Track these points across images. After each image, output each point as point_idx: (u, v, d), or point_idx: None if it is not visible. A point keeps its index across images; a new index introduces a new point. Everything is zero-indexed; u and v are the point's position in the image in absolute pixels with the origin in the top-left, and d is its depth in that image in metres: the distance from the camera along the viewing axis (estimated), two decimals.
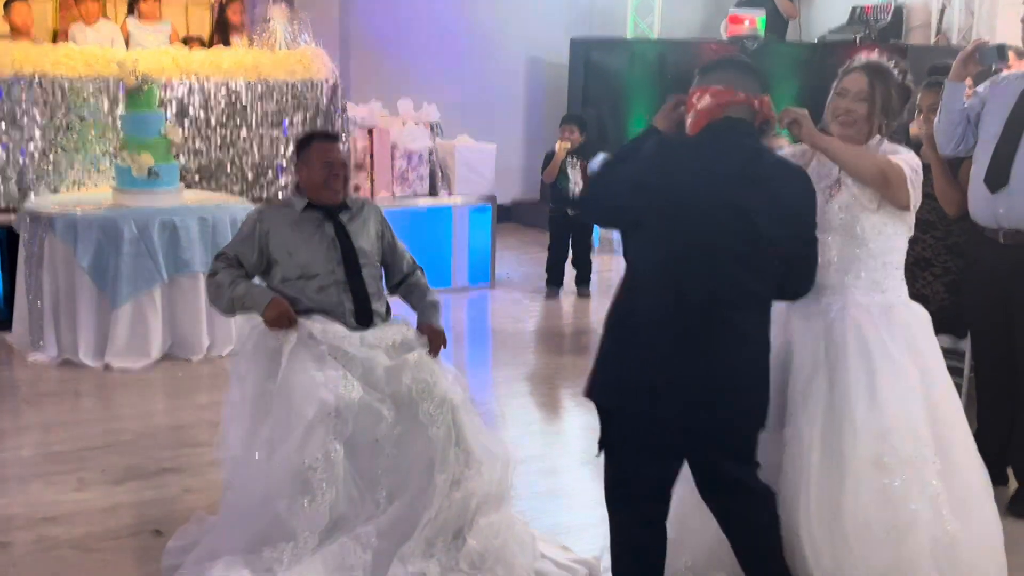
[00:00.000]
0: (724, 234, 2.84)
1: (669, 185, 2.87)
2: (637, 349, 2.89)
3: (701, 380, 2.86)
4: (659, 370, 2.86)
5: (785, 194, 2.94)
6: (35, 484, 4.35)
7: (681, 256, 2.85)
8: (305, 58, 7.71)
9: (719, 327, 2.85)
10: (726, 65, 3.05)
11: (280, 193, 7.64)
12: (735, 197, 2.84)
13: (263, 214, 3.82)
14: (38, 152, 6.81)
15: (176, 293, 6.16)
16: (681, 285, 2.85)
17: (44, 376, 5.83)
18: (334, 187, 3.77)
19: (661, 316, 2.86)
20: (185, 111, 7.24)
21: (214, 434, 4.85)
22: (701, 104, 2.97)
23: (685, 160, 2.93)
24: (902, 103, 3.30)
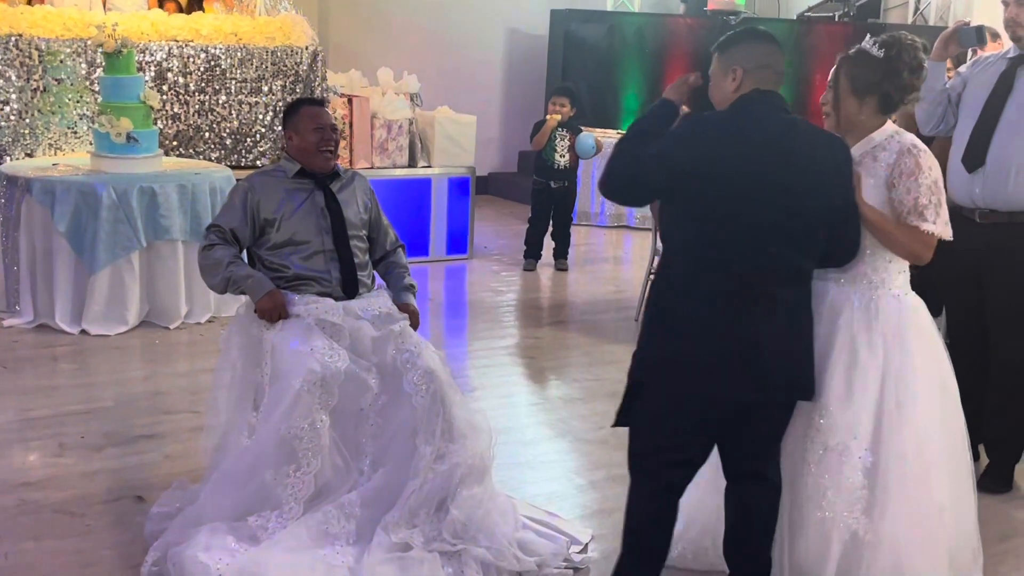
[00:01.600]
0: (765, 209, 2.80)
1: (705, 161, 2.80)
2: (679, 325, 2.87)
3: (745, 355, 2.83)
4: (702, 345, 2.83)
5: (822, 164, 2.90)
6: (14, 449, 4.34)
7: (722, 232, 2.81)
8: (285, 25, 7.66)
9: (762, 301, 2.82)
10: (754, 36, 2.97)
11: (259, 161, 7.61)
12: (773, 171, 2.80)
13: (253, 183, 3.79)
14: (14, 115, 6.74)
15: (154, 260, 6.13)
16: (723, 260, 2.82)
17: (20, 340, 5.80)
18: (325, 152, 3.76)
19: (703, 291, 2.83)
20: (163, 76, 7.18)
21: (192, 401, 4.92)
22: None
23: (721, 136, 2.84)
24: (884, 73, 3.15)
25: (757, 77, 2.90)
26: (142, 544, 3.50)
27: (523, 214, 9.66)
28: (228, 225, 3.74)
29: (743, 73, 2.91)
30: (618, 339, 6.33)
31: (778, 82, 2.94)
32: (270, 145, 7.64)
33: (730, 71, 2.93)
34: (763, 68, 2.91)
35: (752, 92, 2.90)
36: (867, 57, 3.17)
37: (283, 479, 3.35)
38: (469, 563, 3.39)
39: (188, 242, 6.17)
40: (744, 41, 2.95)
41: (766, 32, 2.99)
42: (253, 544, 3.29)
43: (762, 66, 2.91)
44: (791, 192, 2.81)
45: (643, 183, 2.92)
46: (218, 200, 6.30)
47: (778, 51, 2.95)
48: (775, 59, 2.93)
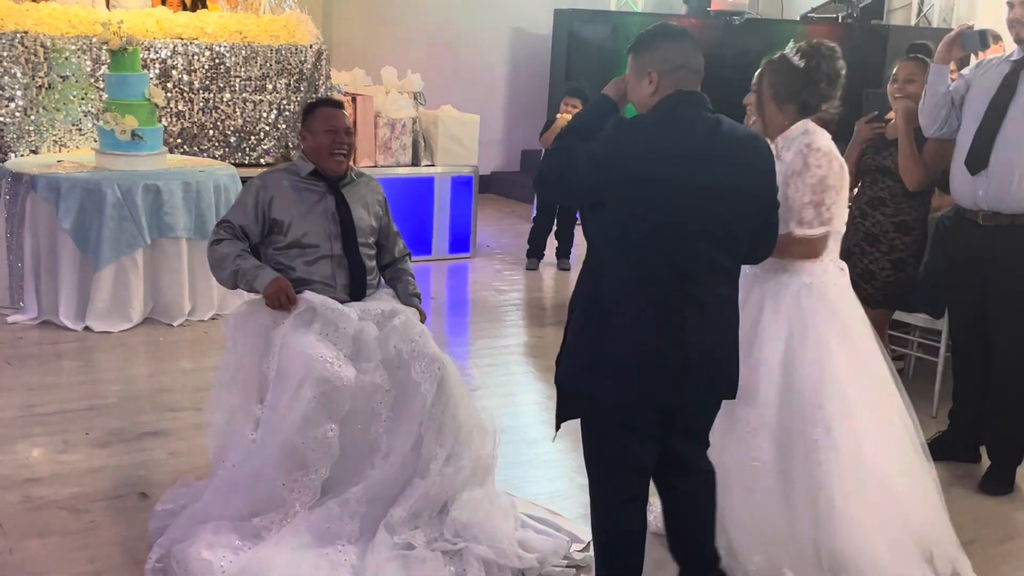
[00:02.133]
0: (694, 212, 2.75)
1: (632, 165, 2.73)
2: (607, 331, 2.83)
3: (673, 359, 2.81)
4: (630, 352, 2.81)
5: (749, 166, 2.86)
6: (19, 445, 4.36)
7: (648, 236, 2.76)
8: (290, 23, 7.68)
9: (691, 305, 2.79)
10: (668, 36, 2.89)
11: (262, 159, 7.62)
12: (702, 174, 2.75)
13: (266, 181, 3.79)
14: (19, 111, 6.76)
15: (158, 257, 6.15)
16: (648, 265, 2.77)
17: (24, 337, 5.81)
18: (338, 155, 3.76)
19: (629, 297, 2.80)
20: (168, 74, 7.20)
21: (196, 399, 4.93)
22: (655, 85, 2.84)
23: (645, 139, 2.76)
24: (803, 83, 3.34)
25: (674, 78, 2.82)
26: (146, 540, 3.52)
27: (526, 213, 9.68)
28: (238, 221, 3.74)
29: (659, 76, 2.82)
30: None
31: (697, 81, 2.85)
32: (274, 143, 7.65)
33: (645, 74, 2.84)
34: (679, 68, 2.83)
35: (676, 93, 2.82)
36: (788, 66, 3.36)
37: (291, 484, 3.38)
38: (471, 561, 3.40)
39: (192, 239, 6.19)
40: (658, 42, 2.86)
41: (680, 30, 2.92)
42: (257, 542, 3.31)
43: (678, 67, 2.82)
44: (719, 195, 2.77)
45: (575, 183, 2.84)
46: (222, 198, 6.32)
47: (693, 49, 2.87)
48: (691, 58, 2.85)
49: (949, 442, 4.65)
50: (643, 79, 2.85)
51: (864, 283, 4.72)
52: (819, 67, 3.32)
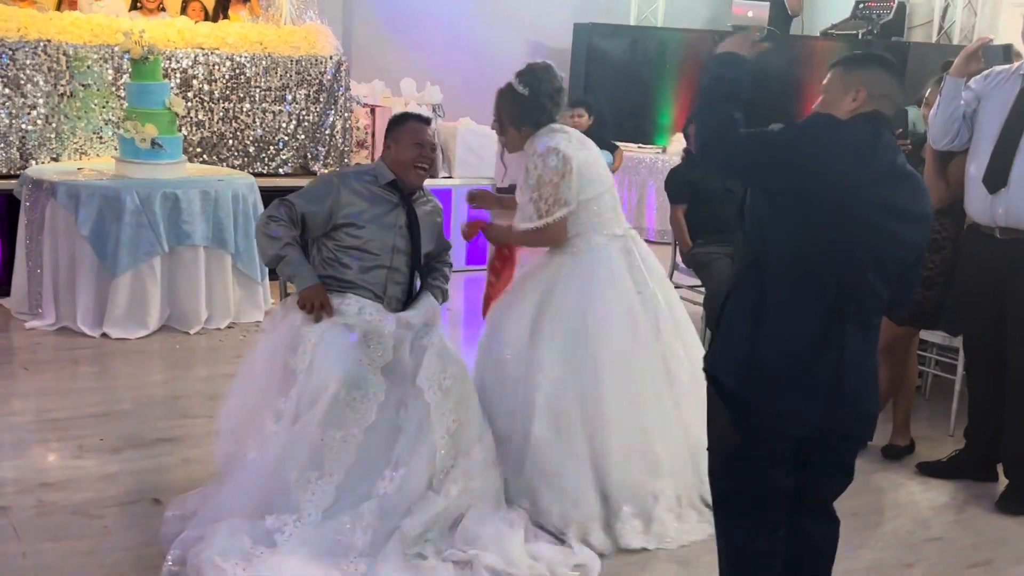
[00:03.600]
0: (869, 237, 2.70)
1: (830, 174, 2.66)
2: (765, 334, 2.74)
3: (824, 376, 2.73)
4: (785, 358, 2.72)
5: (922, 197, 2.82)
6: (34, 450, 4.38)
7: (824, 249, 2.69)
8: (310, 34, 7.72)
9: (848, 326, 2.73)
10: (884, 64, 2.86)
11: (281, 169, 7.66)
12: (886, 199, 2.71)
13: (345, 179, 3.77)
14: (41, 119, 6.81)
15: (176, 265, 6.17)
16: (817, 278, 2.70)
17: (42, 343, 5.85)
18: (419, 169, 3.77)
19: (793, 303, 2.72)
20: (189, 83, 7.24)
21: (211, 406, 4.92)
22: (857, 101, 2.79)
23: (850, 152, 2.70)
24: (530, 106, 3.86)
25: (878, 103, 2.79)
26: (159, 546, 3.52)
27: None
28: (302, 208, 3.70)
29: (867, 96, 2.78)
30: None
31: (894, 113, 2.85)
32: (293, 153, 7.68)
33: (853, 90, 2.79)
34: (885, 97, 2.81)
35: (876, 113, 2.78)
36: (515, 94, 3.87)
37: (304, 484, 3.38)
38: (481, 571, 3.40)
39: (210, 248, 6.22)
40: (873, 65, 2.84)
41: (892, 62, 2.90)
42: (269, 547, 3.31)
43: (885, 95, 2.81)
44: (897, 223, 2.73)
45: (749, 161, 2.75)
46: (240, 207, 6.34)
47: (900, 84, 2.87)
48: (896, 91, 2.84)
49: (965, 461, 4.61)
50: (848, 94, 2.80)
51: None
52: (539, 89, 3.84)
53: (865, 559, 3.90)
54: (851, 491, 4.42)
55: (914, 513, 4.33)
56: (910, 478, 4.65)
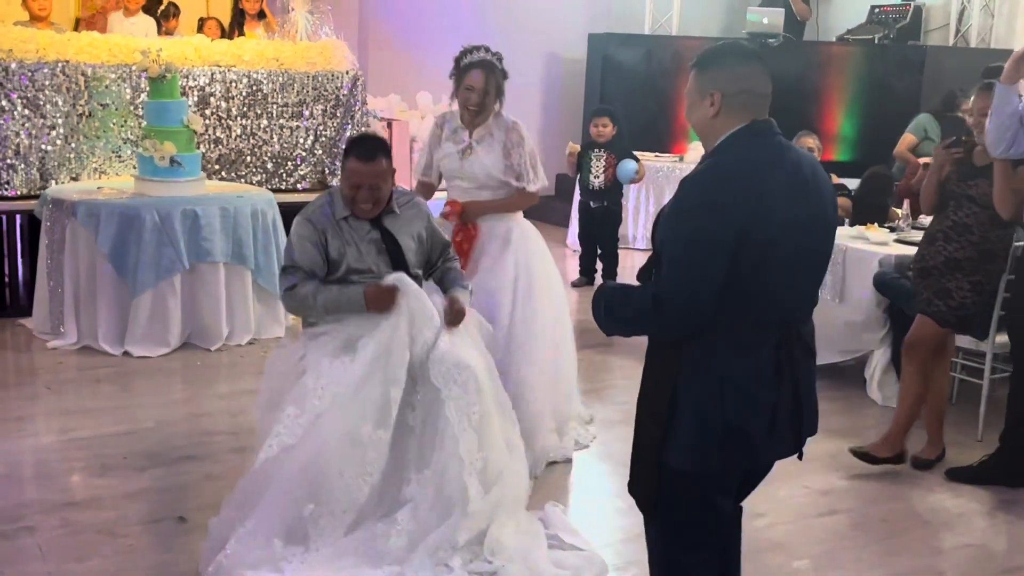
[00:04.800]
0: (792, 250, 2.54)
1: (730, 223, 2.46)
2: (729, 399, 2.56)
3: (788, 409, 2.63)
4: (757, 413, 2.59)
5: (822, 190, 2.66)
6: (58, 469, 4.38)
7: (759, 284, 2.52)
8: (326, 50, 7.74)
9: (796, 345, 2.64)
10: (734, 56, 2.65)
11: (299, 184, 7.67)
12: (793, 209, 2.54)
13: (315, 218, 3.76)
14: (60, 139, 6.84)
15: (196, 282, 6.18)
16: (761, 315, 2.55)
17: (64, 362, 5.86)
18: (361, 208, 3.72)
19: (746, 355, 2.57)
20: (206, 101, 7.26)
21: (233, 423, 4.95)
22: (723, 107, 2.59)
23: (733, 190, 2.49)
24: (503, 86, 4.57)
25: (739, 101, 2.58)
26: (184, 564, 3.52)
27: (561, 237, 9.67)
28: (306, 264, 3.72)
29: (722, 98, 2.58)
30: None
31: (763, 106, 2.62)
32: (310, 169, 7.70)
33: (708, 95, 2.60)
34: (743, 93, 2.59)
35: (746, 128, 2.58)
36: (502, 71, 4.58)
37: (336, 480, 3.40)
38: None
39: (230, 264, 6.23)
40: (721, 62, 2.63)
41: (749, 50, 2.69)
42: (301, 547, 3.32)
43: (743, 91, 2.59)
44: (810, 226, 2.59)
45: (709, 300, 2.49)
46: (259, 223, 6.35)
47: (761, 71, 2.63)
48: (757, 81, 2.61)
49: (995, 466, 4.56)
50: (704, 100, 2.61)
51: (939, 300, 4.64)
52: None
53: (896, 566, 3.86)
54: (880, 498, 4.40)
55: (944, 519, 4.28)
56: (939, 484, 4.60)
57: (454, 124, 4.67)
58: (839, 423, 5.33)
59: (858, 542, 4.03)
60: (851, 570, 3.82)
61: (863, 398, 5.71)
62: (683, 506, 2.68)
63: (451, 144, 4.63)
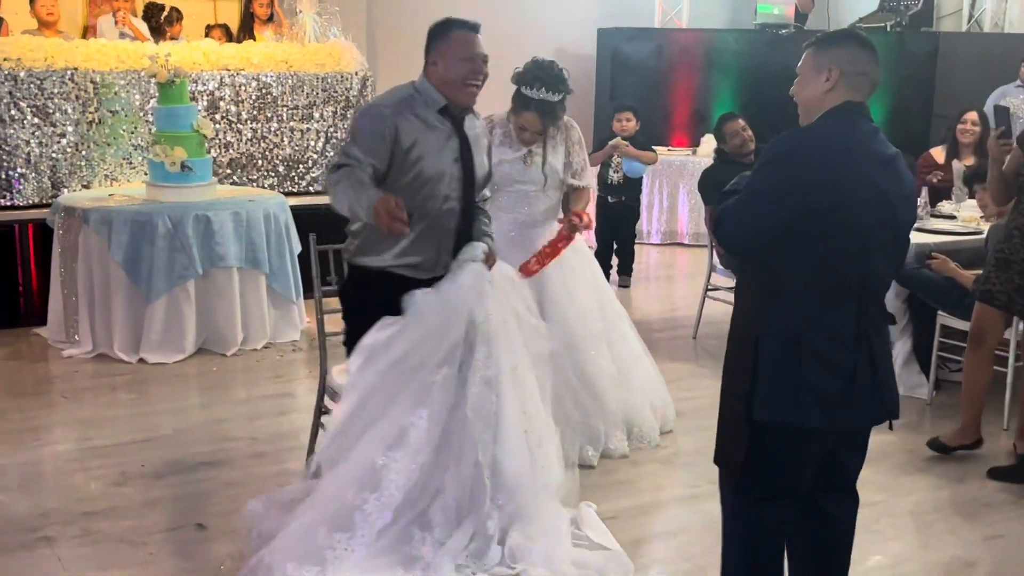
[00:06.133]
0: (873, 223, 2.69)
1: (815, 187, 2.64)
2: (805, 357, 2.70)
3: (865, 377, 2.74)
4: (832, 375, 2.71)
5: (902, 173, 2.81)
6: (76, 478, 4.35)
7: (837, 252, 2.67)
8: (335, 51, 7.70)
9: (873, 316, 2.76)
10: (858, 40, 2.80)
11: (311, 187, 7.63)
12: (879, 183, 2.69)
13: (395, 108, 3.35)
14: (71, 147, 6.82)
15: (210, 287, 6.15)
16: (839, 282, 2.69)
17: (79, 370, 5.84)
18: (472, 86, 3.39)
19: (824, 316, 2.71)
20: (216, 105, 7.23)
21: (251, 428, 4.92)
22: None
23: (823, 156, 2.67)
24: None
25: (852, 82, 2.75)
26: (204, 572, 3.49)
27: None
28: (366, 156, 3.30)
29: (840, 75, 2.74)
30: (675, 357, 6.24)
31: (870, 92, 2.80)
32: (322, 171, 7.66)
33: (826, 69, 2.76)
34: (860, 75, 2.77)
35: (844, 104, 2.75)
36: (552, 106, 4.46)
37: (390, 463, 3.33)
38: None
39: (243, 269, 6.19)
40: (845, 43, 2.79)
41: (868, 39, 2.83)
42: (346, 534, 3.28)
43: (860, 72, 2.77)
44: (892, 203, 2.73)
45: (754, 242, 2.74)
46: (272, 226, 6.32)
47: (876, 60, 2.81)
48: (873, 68, 2.79)
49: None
50: (821, 74, 2.76)
51: (1021, 298, 4.54)
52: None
53: (926, 558, 3.80)
54: (909, 489, 4.34)
55: (974, 510, 4.22)
56: (968, 474, 4.54)
57: (505, 130, 4.54)
58: None
59: (887, 535, 3.98)
60: (881, 563, 3.76)
61: None
62: (768, 457, 2.78)
63: (508, 150, 4.51)
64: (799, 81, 2.83)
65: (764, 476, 2.81)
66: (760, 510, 2.87)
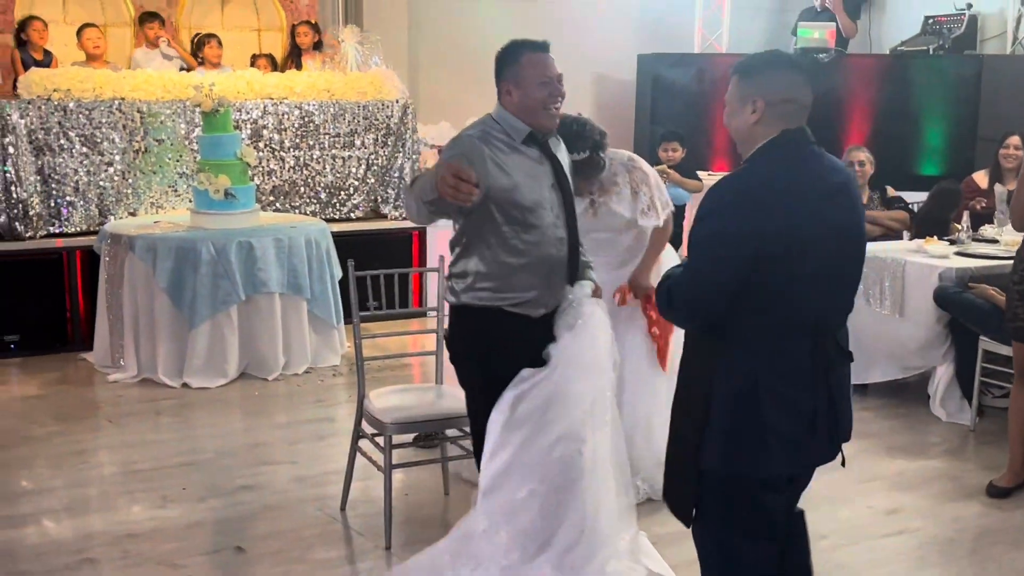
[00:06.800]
0: (825, 257, 2.57)
1: (762, 232, 2.50)
2: (765, 402, 2.58)
3: (825, 415, 2.64)
4: (793, 417, 2.60)
5: (852, 196, 2.68)
6: (119, 501, 4.42)
7: (791, 290, 2.56)
8: (376, 80, 7.80)
9: (830, 351, 2.63)
10: (778, 64, 2.65)
11: (353, 213, 7.71)
12: (825, 215, 2.56)
13: (484, 138, 3.22)
14: (117, 175, 6.96)
15: (252, 312, 6.23)
16: (794, 320, 2.57)
17: (124, 395, 5.93)
18: (552, 108, 3.25)
19: (781, 358, 2.59)
20: (259, 133, 7.35)
21: (291, 452, 4.96)
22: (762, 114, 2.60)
23: (764, 199, 2.52)
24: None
25: (780, 111, 2.60)
26: None
27: None
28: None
29: (765, 105, 2.59)
30: None
31: (803, 116, 2.63)
32: (363, 197, 7.75)
33: (750, 101, 2.61)
34: (787, 102, 2.60)
35: (780, 136, 2.60)
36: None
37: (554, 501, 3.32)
38: None
39: (285, 294, 6.27)
40: (768, 69, 2.64)
41: (792, 59, 2.72)
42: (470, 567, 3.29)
43: (786, 100, 2.60)
44: (842, 233, 2.61)
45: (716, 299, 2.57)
46: (313, 252, 6.40)
47: (804, 82, 2.64)
48: (801, 91, 2.63)
49: None
50: (746, 106, 2.63)
51: None
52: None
53: None
54: (948, 517, 4.29)
55: (1015, 538, 4.16)
56: (1008, 501, 4.48)
57: None
58: (902, 440, 5.22)
59: (926, 563, 3.94)
60: None
61: (927, 415, 5.59)
62: (731, 507, 2.67)
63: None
64: (727, 112, 2.71)
65: (729, 522, 2.69)
66: (739, 553, 2.73)
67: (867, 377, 5.80)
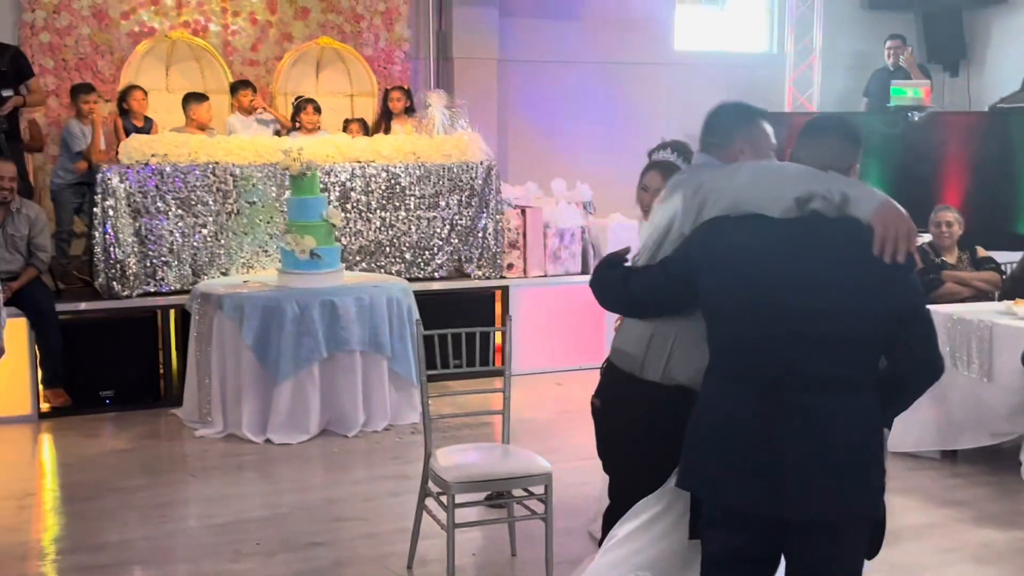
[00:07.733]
0: (787, 310, 2.58)
1: (720, 260, 2.71)
2: (699, 428, 2.74)
3: (764, 468, 2.60)
4: (716, 452, 2.68)
5: (834, 251, 2.62)
6: (195, 554, 4.52)
7: (741, 332, 2.66)
8: (461, 142, 7.93)
9: (784, 410, 2.59)
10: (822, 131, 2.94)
11: (436, 273, 7.83)
12: (787, 264, 2.61)
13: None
14: (210, 236, 7.20)
15: (335, 369, 6.35)
16: (741, 362, 2.66)
17: (210, 450, 6.08)
18: None
19: (721, 394, 2.71)
20: (348, 195, 7.53)
21: (365, 509, 5.03)
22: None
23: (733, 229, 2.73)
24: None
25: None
26: None
27: None
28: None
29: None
30: None
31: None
32: (447, 257, 7.86)
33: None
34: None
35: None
36: (671, 164, 4.09)
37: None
38: None
39: (366, 352, 6.38)
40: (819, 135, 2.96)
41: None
42: None
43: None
44: (802, 285, 2.59)
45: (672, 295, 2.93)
46: (395, 311, 6.50)
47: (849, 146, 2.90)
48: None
49: None
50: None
51: None
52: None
53: None
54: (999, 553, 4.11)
55: None
56: None
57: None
58: (993, 509, 5.05)
59: None
60: None
61: (1018, 483, 5.38)
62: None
63: None
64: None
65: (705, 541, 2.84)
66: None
67: (956, 443, 5.62)
